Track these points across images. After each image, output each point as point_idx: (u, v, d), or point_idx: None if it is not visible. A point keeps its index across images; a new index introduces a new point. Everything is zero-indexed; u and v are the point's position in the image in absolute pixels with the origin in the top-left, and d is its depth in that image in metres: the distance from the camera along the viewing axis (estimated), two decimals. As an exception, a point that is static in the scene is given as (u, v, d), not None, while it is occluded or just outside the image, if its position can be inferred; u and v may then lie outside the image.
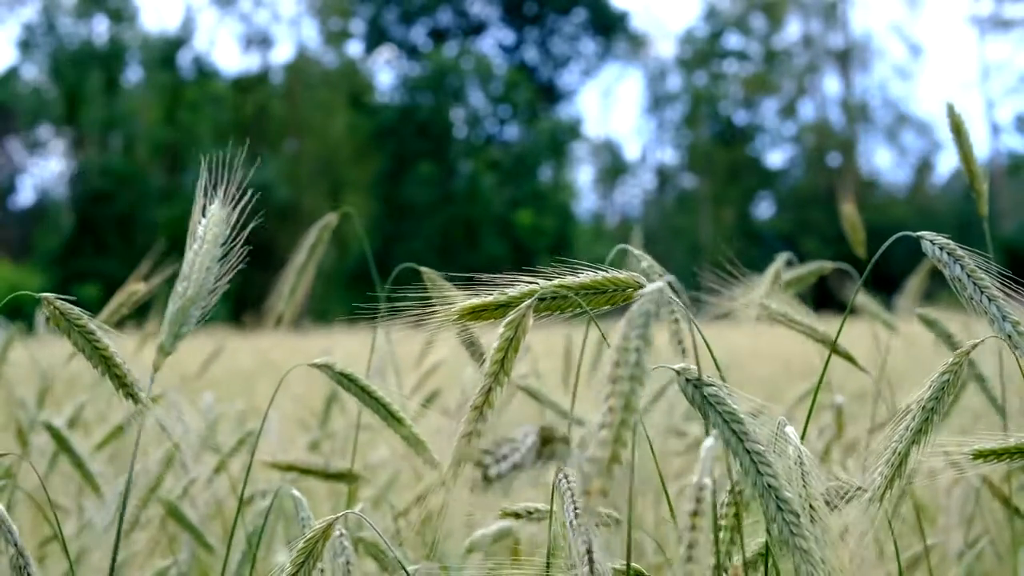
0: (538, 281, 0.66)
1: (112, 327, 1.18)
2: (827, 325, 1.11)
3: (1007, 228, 23.90)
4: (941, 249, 0.72)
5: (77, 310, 0.77)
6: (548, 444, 0.47)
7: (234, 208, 0.74)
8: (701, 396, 0.61)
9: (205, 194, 0.74)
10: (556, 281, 0.66)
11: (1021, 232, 23.53)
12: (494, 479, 0.45)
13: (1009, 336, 0.70)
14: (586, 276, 0.66)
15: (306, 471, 1.13)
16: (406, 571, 0.82)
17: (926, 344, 1.16)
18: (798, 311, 1.09)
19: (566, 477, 0.66)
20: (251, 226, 0.73)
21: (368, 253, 1.23)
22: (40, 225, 24.04)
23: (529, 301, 0.65)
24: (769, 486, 0.58)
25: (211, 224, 0.73)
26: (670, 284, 0.84)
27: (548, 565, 0.70)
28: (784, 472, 0.60)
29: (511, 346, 0.64)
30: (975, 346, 0.70)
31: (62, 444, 1.19)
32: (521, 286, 0.66)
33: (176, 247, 0.78)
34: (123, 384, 0.76)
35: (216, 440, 1.56)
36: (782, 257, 1.23)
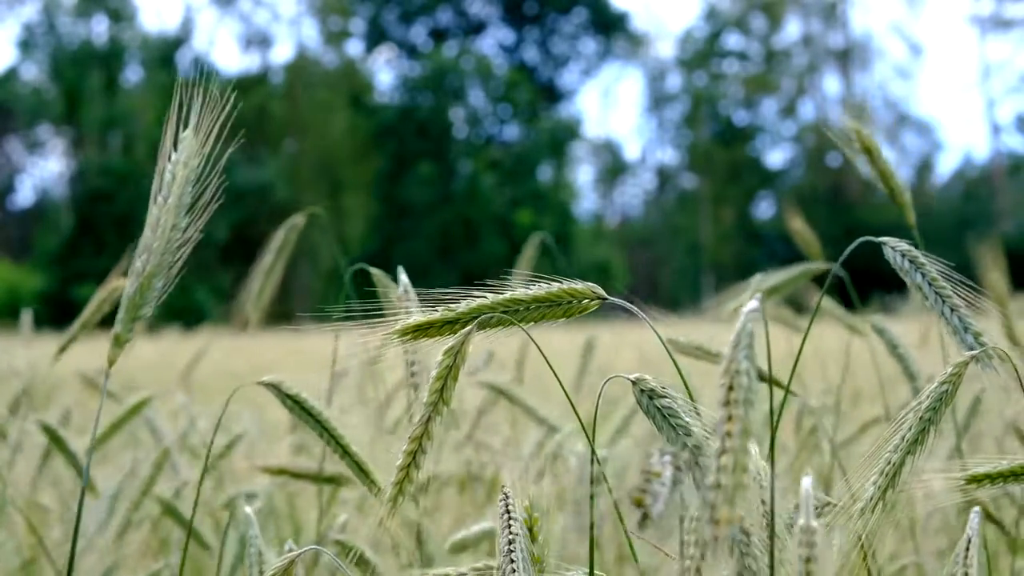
0: (487, 296, 0.63)
1: (96, 326, 1.17)
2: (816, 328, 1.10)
3: (1007, 228, 23.89)
4: (903, 256, 0.70)
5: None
6: (680, 469, 0.46)
7: (209, 137, 0.65)
8: (656, 408, 0.59)
9: (178, 123, 0.67)
10: (507, 295, 0.63)
11: (1021, 232, 23.53)
12: (655, 519, 0.44)
13: (970, 347, 0.68)
14: (541, 289, 0.64)
15: (297, 475, 1.13)
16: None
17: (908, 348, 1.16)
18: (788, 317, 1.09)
19: (506, 498, 0.65)
20: (227, 154, 0.65)
21: (342, 262, 1.23)
22: (40, 225, 24.04)
23: (469, 327, 0.62)
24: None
25: (181, 161, 0.65)
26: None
27: None
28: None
29: (451, 374, 0.62)
30: (973, 357, 0.69)
31: (57, 443, 1.18)
32: (470, 301, 0.63)
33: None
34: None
35: (198, 443, 1.56)
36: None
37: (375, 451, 0.81)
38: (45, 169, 29.64)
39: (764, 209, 28.25)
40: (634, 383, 0.60)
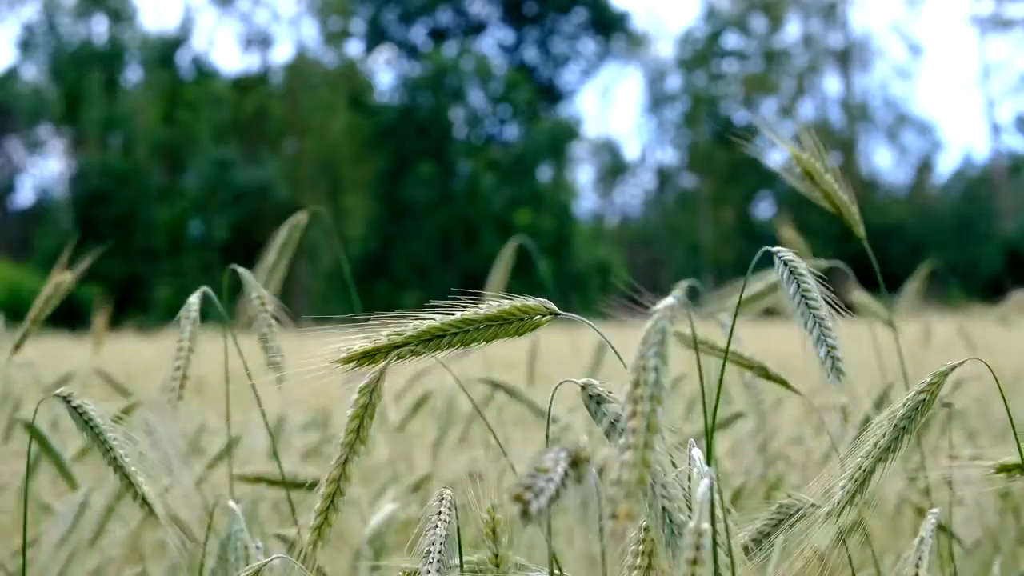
0: (436, 317, 0.62)
1: (44, 323, 1.16)
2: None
3: (1007, 228, 23.88)
4: (785, 265, 0.70)
5: (93, 409, 0.73)
6: (577, 466, 0.46)
7: None
8: (602, 414, 0.59)
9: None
10: (457, 317, 0.62)
11: (1021, 232, 23.52)
12: (535, 515, 0.44)
13: (823, 360, 0.68)
14: (491, 307, 0.63)
15: (272, 482, 1.12)
16: None
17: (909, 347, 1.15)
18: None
19: (441, 499, 0.64)
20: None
21: (346, 267, 1.23)
22: (40, 225, 24.03)
23: (384, 364, 0.61)
24: (665, 512, 0.56)
25: None
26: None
27: None
28: (685, 499, 0.57)
29: (367, 413, 0.61)
30: (954, 368, 0.69)
31: (42, 445, 1.17)
32: (418, 324, 0.62)
33: (174, 247, 0.76)
34: (133, 492, 0.74)
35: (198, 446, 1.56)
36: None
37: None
38: (45, 169, 29.65)
39: (764, 209, 28.27)
40: (582, 388, 0.60)
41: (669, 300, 0.49)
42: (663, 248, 27.17)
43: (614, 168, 29.34)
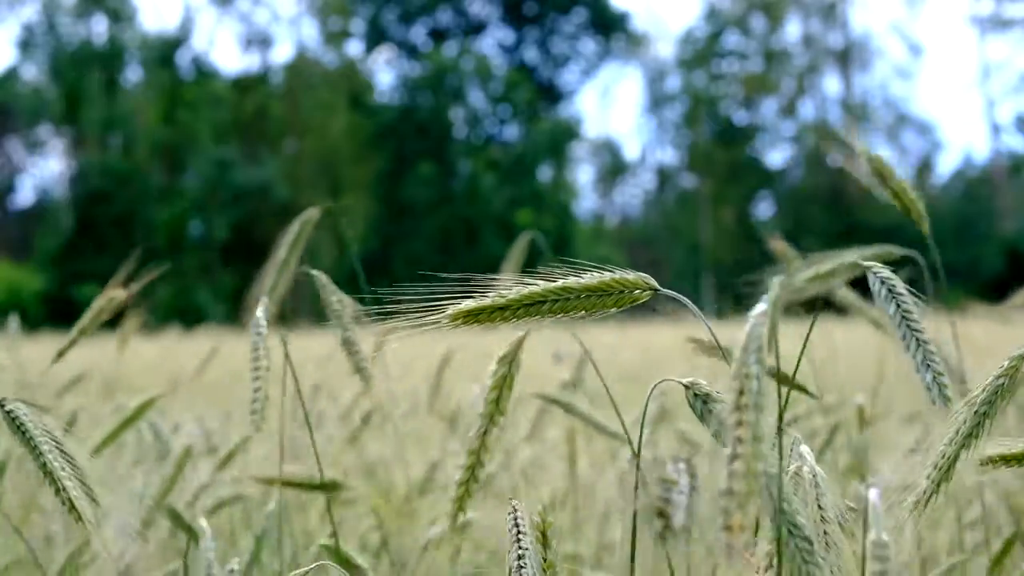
0: (539, 283, 0.62)
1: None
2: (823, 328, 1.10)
3: (1007, 228, 23.88)
4: (883, 283, 0.69)
5: (35, 422, 0.72)
6: (694, 476, 0.45)
7: None
8: (709, 412, 0.59)
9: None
10: (559, 283, 0.62)
11: (1021, 232, 23.52)
12: (679, 530, 0.43)
13: (928, 388, 0.68)
14: (592, 278, 0.63)
15: (289, 484, 1.12)
16: None
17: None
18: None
19: (515, 513, 0.64)
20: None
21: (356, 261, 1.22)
22: (40, 225, 24.03)
23: (522, 336, 0.61)
24: (782, 510, 0.55)
25: None
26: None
27: None
28: (796, 493, 0.57)
29: (505, 384, 0.61)
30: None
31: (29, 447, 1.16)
32: (520, 288, 0.62)
33: (174, 247, 0.75)
34: (72, 508, 0.72)
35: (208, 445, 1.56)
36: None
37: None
38: (45, 169, 29.63)
39: (764, 209, 28.27)
40: (687, 387, 0.60)
41: (762, 306, 0.48)
42: (663, 248, 27.16)
43: (614, 168, 29.35)
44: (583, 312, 0.63)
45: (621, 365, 3.91)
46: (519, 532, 0.63)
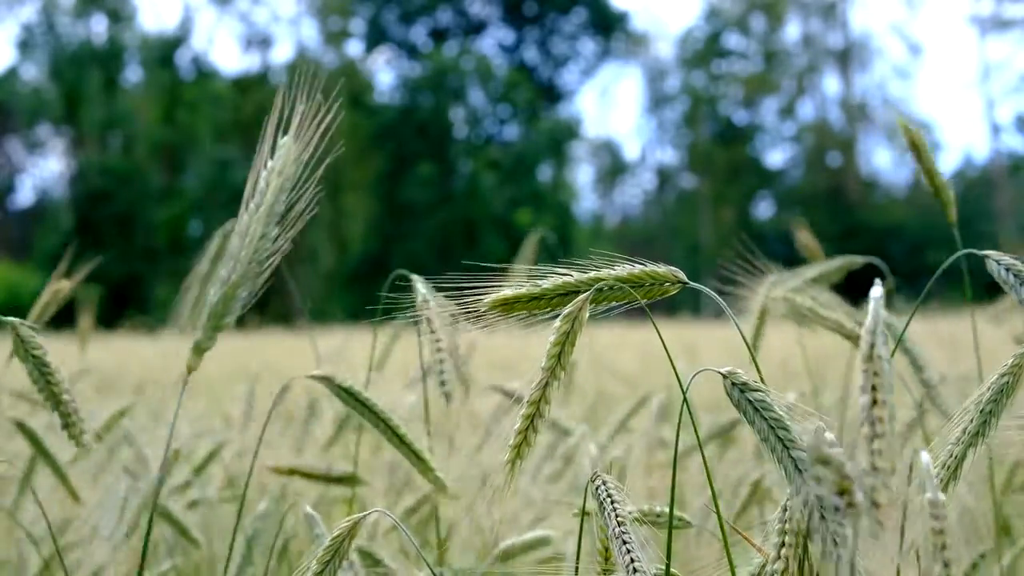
0: (572, 274, 0.64)
1: (43, 327, 1.16)
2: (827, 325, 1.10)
3: (1007, 228, 23.88)
4: (1007, 270, 0.70)
5: (38, 339, 0.72)
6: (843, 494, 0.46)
7: (310, 144, 0.63)
8: (747, 401, 0.60)
9: (277, 129, 0.68)
10: (593, 274, 0.64)
11: (1021, 232, 23.51)
12: (861, 507, 0.44)
13: None
14: (624, 269, 0.65)
15: (308, 475, 1.12)
16: None
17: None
18: (827, 306, 1.08)
19: (603, 483, 0.65)
20: (323, 167, 0.65)
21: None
22: (40, 225, 24.03)
23: (587, 293, 0.63)
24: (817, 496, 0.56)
25: (276, 169, 0.64)
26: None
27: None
28: None
29: (568, 340, 0.63)
30: None
31: (38, 447, 1.16)
32: (555, 278, 0.64)
33: (174, 247, 0.75)
34: (69, 424, 0.73)
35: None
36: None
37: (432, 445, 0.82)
38: (45, 169, 29.63)
39: (764, 209, 28.27)
40: (725, 376, 0.61)
41: (879, 289, 0.48)
42: (663, 248, 27.16)
43: (614, 168, 29.35)
44: (614, 303, 0.65)
45: (621, 365, 3.91)
46: (613, 502, 0.64)
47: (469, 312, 0.64)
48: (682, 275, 0.65)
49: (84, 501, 1.14)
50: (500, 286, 0.65)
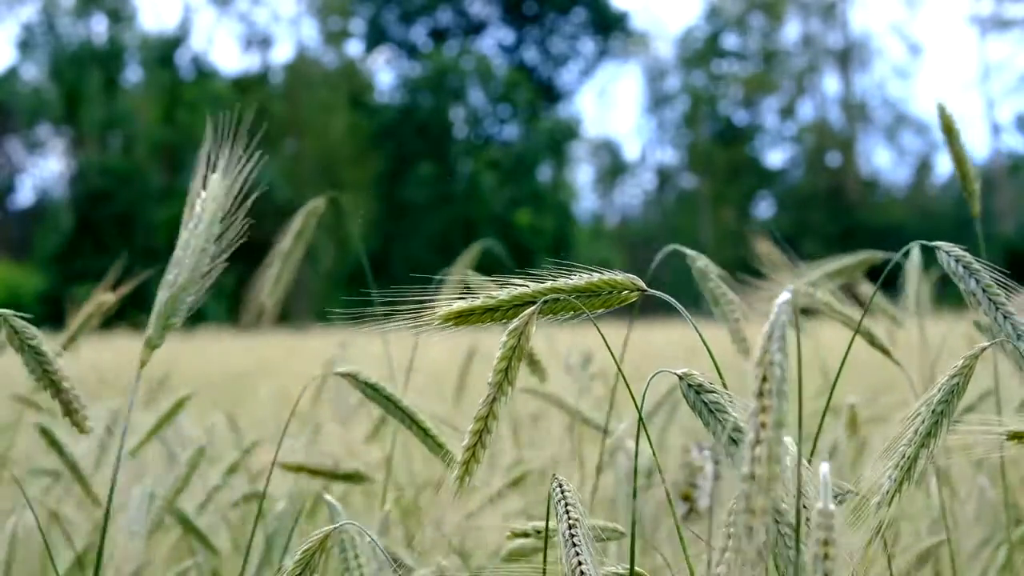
0: (528, 284, 0.64)
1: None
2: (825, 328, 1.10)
3: (1007, 228, 23.88)
4: (956, 261, 0.70)
5: (33, 329, 0.74)
6: (717, 463, 0.46)
7: (236, 179, 0.70)
8: (703, 403, 0.60)
9: (207, 164, 0.72)
10: (548, 284, 0.64)
11: (1021, 232, 23.52)
12: (703, 512, 0.44)
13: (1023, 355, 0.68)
14: (580, 278, 0.65)
15: (315, 472, 1.13)
16: None
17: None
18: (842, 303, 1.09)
19: (560, 487, 0.66)
20: (252, 197, 0.71)
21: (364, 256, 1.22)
22: (40, 225, 24.03)
23: (534, 308, 0.63)
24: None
25: (210, 197, 0.70)
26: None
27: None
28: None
29: (515, 355, 0.63)
30: (984, 350, 0.69)
31: (56, 448, 1.16)
32: (511, 289, 0.64)
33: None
34: (70, 411, 0.74)
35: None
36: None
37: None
38: (45, 169, 29.64)
39: (764, 209, 28.27)
40: (681, 378, 0.61)
41: (785, 295, 0.48)
42: (663, 248, 27.14)
43: (614, 168, 29.35)
44: (572, 313, 0.64)
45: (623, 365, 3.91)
46: (567, 504, 0.64)
47: (421, 325, 0.64)
48: (641, 283, 0.65)
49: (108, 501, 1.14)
50: (441, 299, 0.64)
